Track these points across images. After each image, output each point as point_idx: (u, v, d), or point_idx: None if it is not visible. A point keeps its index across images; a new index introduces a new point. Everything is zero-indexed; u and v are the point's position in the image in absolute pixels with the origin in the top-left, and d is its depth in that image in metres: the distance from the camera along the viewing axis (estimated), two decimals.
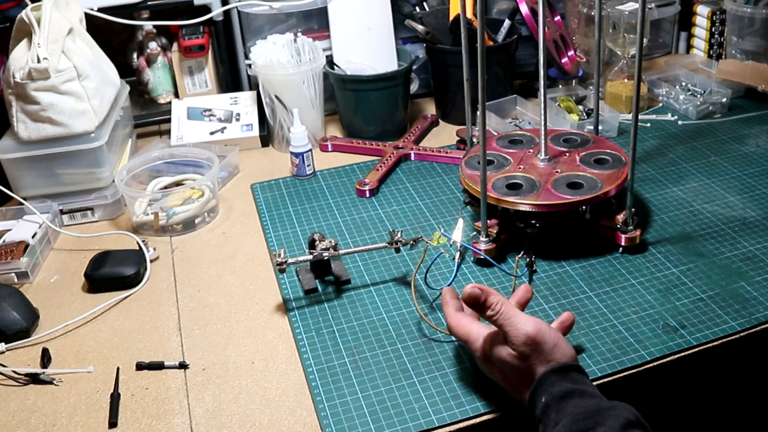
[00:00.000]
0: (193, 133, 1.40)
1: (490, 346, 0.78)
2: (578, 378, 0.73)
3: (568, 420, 0.68)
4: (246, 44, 1.48)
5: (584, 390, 0.71)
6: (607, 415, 0.67)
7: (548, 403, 0.71)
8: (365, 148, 1.38)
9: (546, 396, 0.71)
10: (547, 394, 0.71)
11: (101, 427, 0.82)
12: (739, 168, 1.23)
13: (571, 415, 0.68)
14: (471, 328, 0.80)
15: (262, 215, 1.20)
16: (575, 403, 0.69)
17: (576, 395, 0.70)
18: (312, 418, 0.81)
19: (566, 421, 0.68)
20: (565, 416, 0.68)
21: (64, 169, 1.20)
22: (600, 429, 0.66)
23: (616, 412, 0.67)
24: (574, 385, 0.71)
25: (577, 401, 0.69)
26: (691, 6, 1.63)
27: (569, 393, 0.70)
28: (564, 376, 0.72)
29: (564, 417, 0.68)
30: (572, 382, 0.72)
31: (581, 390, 0.71)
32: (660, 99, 1.48)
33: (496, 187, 1.04)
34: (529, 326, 0.74)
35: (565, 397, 0.70)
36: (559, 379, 0.72)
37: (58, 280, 1.09)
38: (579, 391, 0.70)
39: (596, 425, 0.66)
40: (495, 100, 1.41)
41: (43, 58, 1.13)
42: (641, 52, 0.96)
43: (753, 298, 0.94)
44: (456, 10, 1.39)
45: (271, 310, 0.99)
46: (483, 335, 0.79)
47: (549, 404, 0.70)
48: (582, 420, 0.67)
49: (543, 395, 0.72)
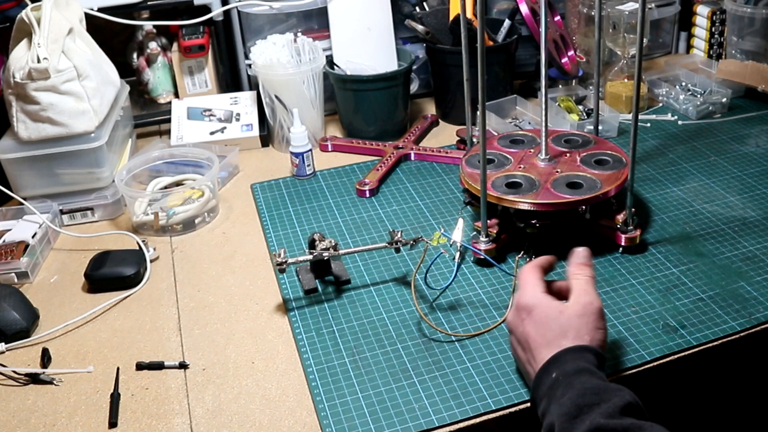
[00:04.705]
0: (193, 133, 1.40)
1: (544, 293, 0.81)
2: (593, 360, 0.75)
3: (574, 393, 0.70)
4: (246, 44, 1.48)
5: (594, 371, 0.73)
6: (612, 395, 0.69)
7: (558, 378, 0.73)
8: (365, 148, 1.38)
9: (557, 371, 0.74)
10: (559, 370, 0.74)
11: (101, 427, 0.82)
12: (739, 168, 1.23)
13: (578, 389, 0.70)
14: (537, 281, 0.83)
15: (262, 215, 1.20)
16: (584, 380, 0.72)
17: (586, 373, 0.72)
18: (312, 418, 0.81)
19: (572, 394, 0.70)
20: (572, 390, 0.71)
21: (64, 169, 1.20)
22: (603, 405, 0.68)
23: (621, 394, 0.70)
24: (587, 365, 0.74)
25: (586, 378, 0.72)
26: (691, 6, 1.63)
27: (580, 370, 0.73)
28: (580, 356, 0.75)
29: (570, 390, 0.71)
30: (586, 361, 0.74)
31: (592, 370, 0.73)
32: (660, 99, 1.48)
33: (495, 186, 1.04)
34: (597, 299, 0.80)
35: (576, 373, 0.72)
36: (575, 357, 0.74)
37: (58, 280, 1.09)
38: (590, 371, 0.73)
39: (600, 402, 0.69)
40: (495, 100, 1.41)
41: (43, 58, 1.13)
42: (641, 52, 0.96)
43: (753, 298, 0.94)
44: (456, 10, 1.39)
45: (271, 310, 0.99)
46: (542, 290, 0.81)
47: (558, 379, 0.73)
48: (588, 395, 0.69)
49: (554, 371, 0.74)
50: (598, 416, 0.67)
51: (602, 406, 0.68)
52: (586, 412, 0.68)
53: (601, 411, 0.67)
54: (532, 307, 0.80)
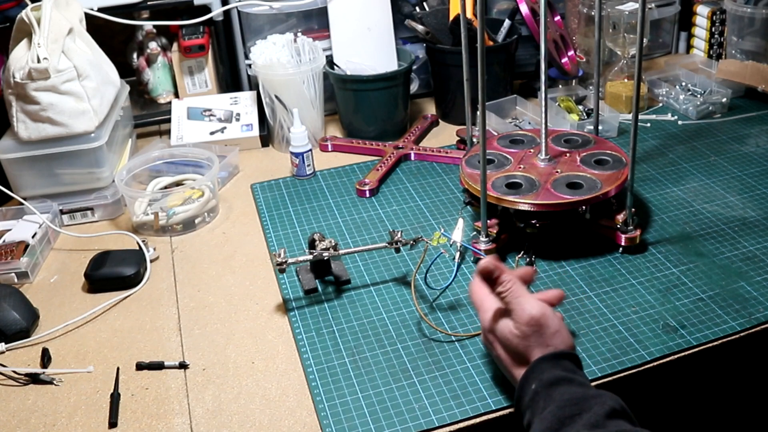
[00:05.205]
0: (193, 133, 1.40)
1: (496, 320, 0.79)
2: (569, 366, 0.75)
3: (554, 406, 0.69)
4: (246, 44, 1.48)
5: (573, 378, 0.73)
6: (592, 403, 0.69)
7: (537, 390, 0.72)
8: (365, 148, 1.38)
9: (536, 383, 0.73)
10: (538, 381, 0.73)
11: (101, 427, 0.82)
12: (739, 168, 1.23)
13: (558, 401, 0.70)
14: (486, 298, 0.81)
15: (262, 215, 1.20)
16: (563, 390, 0.71)
17: (564, 383, 0.72)
18: (312, 418, 0.81)
19: (553, 407, 0.69)
20: (552, 402, 0.70)
21: (64, 169, 1.20)
22: (585, 415, 0.67)
23: (602, 401, 0.69)
24: (564, 373, 0.73)
25: (564, 388, 0.71)
26: (691, 6, 1.63)
27: (558, 380, 0.72)
28: (555, 364, 0.74)
29: (551, 403, 0.70)
30: (563, 369, 0.74)
31: (570, 378, 0.72)
32: (660, 99, 1.48)
33: (495, 186, 1.04)
34: (534, 308, 0.76)
35: (554, 384, 0.72)
36: (551, 366, 0.74)
37: (58, 280, 1.09)
38: (568, 379, 0.72)
39: (582, 412, 0.68)
40: (495, 100, 1.41)
41: (43, 58, 1.13)
42: (641, 52, 0.96)
43: (753, 298, 0.94)
44: (456, 10, 1.39)
45: (271, 310, 0.99)
46: (493, 308, 0.80)
47: (538, 392, 0.72)
48: (568, 407, 0.69)
49: (533, 382, 0.73)
50: (582, 428, 0.66)
51: (584, 416, 0.67)
52: (568, 424, 0.67)
53: (584, 422, 0.67)
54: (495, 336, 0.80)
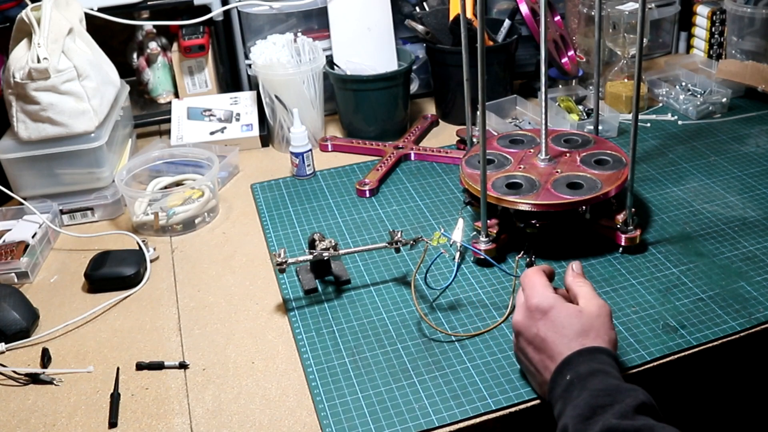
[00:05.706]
0: (193, 133, 1.40)
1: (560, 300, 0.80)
2: (606, 360, 0.75)
3: (587, 394, 0.70)
4: (246, 44, 1.48)
5: (609, 371, 0.73)
6: (625, 395, 0.69)
7: (572, 380, 0.73)
8: (365, 148, 1.38)
9: (571, 374, 0.74)
10: (573, 372, 0.74)
11: (101, 427, 0.82)
12: (739, 168, 1.23)
13: (591, 390, 0.70)
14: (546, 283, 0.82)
15: (262, 215, 1.20)
16: (598, 381, 0.72)
17: (600, 374, 0.72)
18: (312, 418, 0.81)
19: (586, 395, 0.70)
20: (585, 390, 0.71)
21: (64, 169, 1.20)
22: (617, 406, 0.68)
23: (635, 394, 0.70)
24: (600, 365, 0.74)
25: (600, 379, 0.72)
26: (691, 6, 1.63)
27: (594, 372, 0.73)
28: (592, 358, 0.75)
29: (585, 392, 0.71)
30: (599, 363, 0.74)
31: (606, 370, 0.73)
32: (660, 99, 1.48)
33: (495, 186, 1.04)
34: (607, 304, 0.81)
35: (590, 375, 0.72)
36: (587, 359, 0.74)
37: (58, 280, 1.09)
38: (604, 371, 0.73)
39: (614, 402, 0.69)
40: (495, 100, 1.41)
41: (43, 58, 1.13)
42: (641, 52, 0.96)
43: (753, 298, 0.94)
44: (456, 10, 1.39)
45: (271, 310, 0.99)
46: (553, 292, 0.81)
47: (573, 381, 0.73)
48: (601, 396, 0.69)
49: (568, 373, 0.74)
50: (611, 417, 0.67)
51: (615, 406, 0.68)
52: (600, 413, 0.68)
53: (614, 412, 0.67)
54: (547, 308, 0.79)
